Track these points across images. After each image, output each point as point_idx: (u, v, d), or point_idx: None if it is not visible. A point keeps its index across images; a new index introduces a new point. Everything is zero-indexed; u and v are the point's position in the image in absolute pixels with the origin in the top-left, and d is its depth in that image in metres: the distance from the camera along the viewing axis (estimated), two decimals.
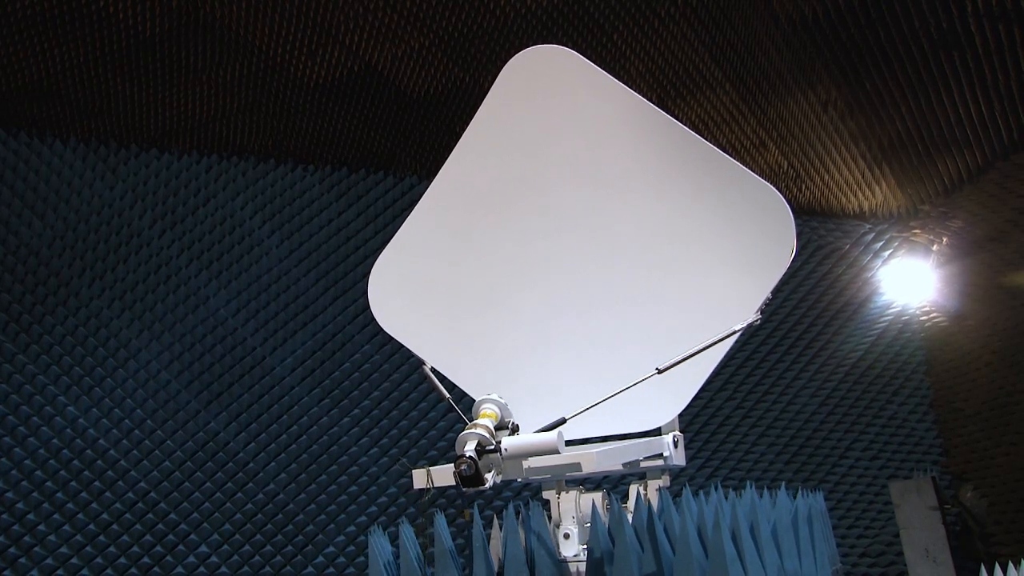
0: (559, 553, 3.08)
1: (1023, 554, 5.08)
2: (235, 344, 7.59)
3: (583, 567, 3.00)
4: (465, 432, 2.52)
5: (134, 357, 7.26)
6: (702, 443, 8.35)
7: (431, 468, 2.83)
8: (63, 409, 6.92)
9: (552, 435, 2.53)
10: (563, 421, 2.82)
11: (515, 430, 2.67)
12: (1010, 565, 4.98)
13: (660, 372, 3.08)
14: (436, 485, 2.83)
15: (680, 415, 3.56)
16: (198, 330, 7.52)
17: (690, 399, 3.56)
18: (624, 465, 3.34)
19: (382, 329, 3.96)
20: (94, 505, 6.82)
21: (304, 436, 7.54)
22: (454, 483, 2.83)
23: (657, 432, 3.47)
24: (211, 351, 7.51)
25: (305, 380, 7.68)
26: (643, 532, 2.84)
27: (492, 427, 2.56)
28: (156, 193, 7.71)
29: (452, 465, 2.84)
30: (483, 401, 2.73)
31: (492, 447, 2.48)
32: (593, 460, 2.90)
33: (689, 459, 8.32)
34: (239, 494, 7.24)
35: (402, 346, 7.54)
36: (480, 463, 2.43)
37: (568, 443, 2.94)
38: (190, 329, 7.50)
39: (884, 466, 8.50)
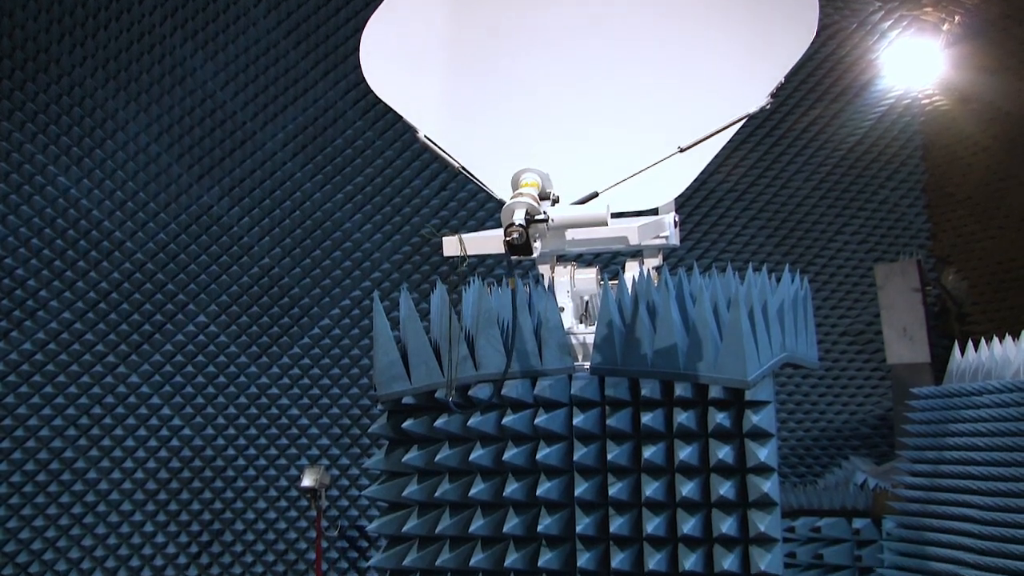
0: None
1: (996, 332, 5.25)
2: (224, 118, 7.43)
3: (586, 339, 3.07)
4: (511, 200, 2.49)
5: (122, 129, 7.12)
6: (693, 225, 8.42)
7: (463, 235, 2.82)
8: (54, 179, 6.85)
9: (601, 208, 2.51)
10: (595, 195, 2.79)
11: (556, 201, 2.64)
12: (982, 341, 5.18)
13: (682, 151, 3.04)
14: (469, 253, 2.83)
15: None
16: (186, 103, 7.33)
17: (691, 180, 3.54)
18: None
19: (378, 100, 3.84)
20: (92, 274, 6.90)
21: (297, 211, 7.54)
22: (485, 251, 2.84)
23: (654, 212, 3.47)
24: (200, 124, 7.35)
25: (297, 156, 7.59)
26: (654, 309, 2.90)
27: (537, 196, 2.53)
28: None
29: (482, 232, 2.84)
30: (524, 171, 2.68)
31: (541, 216, 2.45)
32: (635, 234, 2.91)
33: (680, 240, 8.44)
34: (234, 267, 7.33)
35: (396, 122, 7.41)
36: (528, 232, 2.40)
37: None
38: (178, 101, 7.31)
39: (871, 249, 8.64)
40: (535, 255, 2.45)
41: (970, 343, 5.28)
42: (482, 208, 7.89)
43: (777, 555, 2.78)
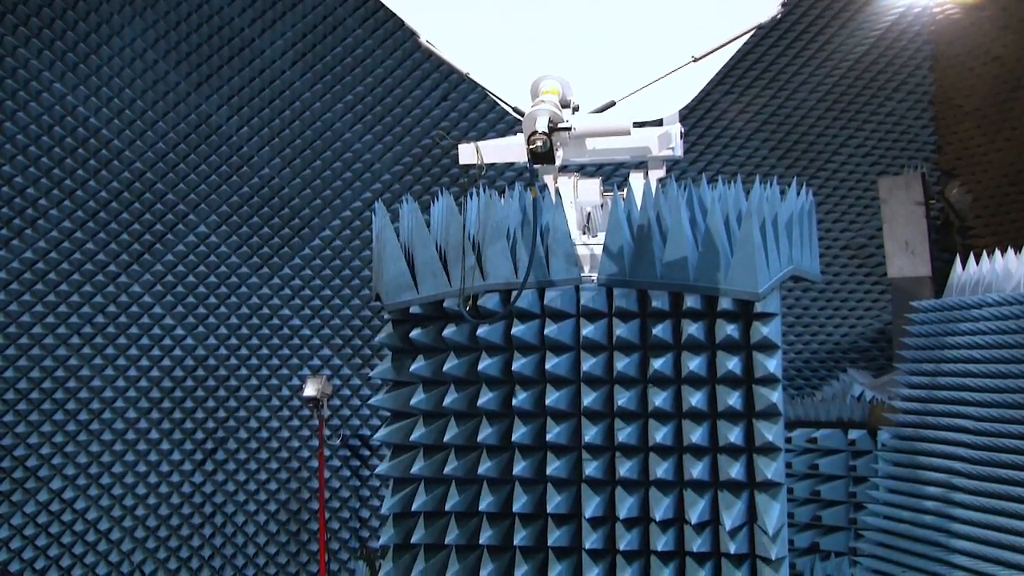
0: None
1: (998, 245, 5.23)
2: (222, 24, 7.27)
3: (595, 251, 3.05)
4: (533, 108, 2.43)
5: (118, 34, 6.97)
6: (696, 137, 8.34)
7: (479, 143, 2.77)
8: (49, 85, 6.74)
9: (623, 117, 2.46)
10: (613, 104, 2.74)
11: (576, 109, 2.60)
12: (983, 254, 5.18)
13: (696, 61, 2.97)
14: (485, 161, 2.79)
15: None
16: (182, 8, 7.18)
17: (698, 91, 3.48)
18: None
19: (379, 7, 3.74)
20: (92, 183, 6.84)
21: (297, 121, 7.45)
22: (503, 159, 2.79)
23: (659, 123, 3.42)
24: (197, 31, 7.21)
25: (296, 65, 7.45)
26: (663, 221, 2.88)
27: (558, 103, 2.48)
28: None
29: (499, 140, 2.79)
30: (544, 78, 2.62)
31: (565, 125, 2.40)
32: (656, 142, 2.87)
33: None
34: (234, 177, 7.27)
35: (396, 31, 7.23)
36: (551, 140, 2.36)
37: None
38: (174, 7, 7.15)
39: (876, 163, 8.58)
40: (558, 163, 2.41)
41: (971, 256, 5.27)
42: (483, 119, 7.80)
43: (780, 464, 2.83)
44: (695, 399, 2.82)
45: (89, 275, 6.80)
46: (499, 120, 7.69)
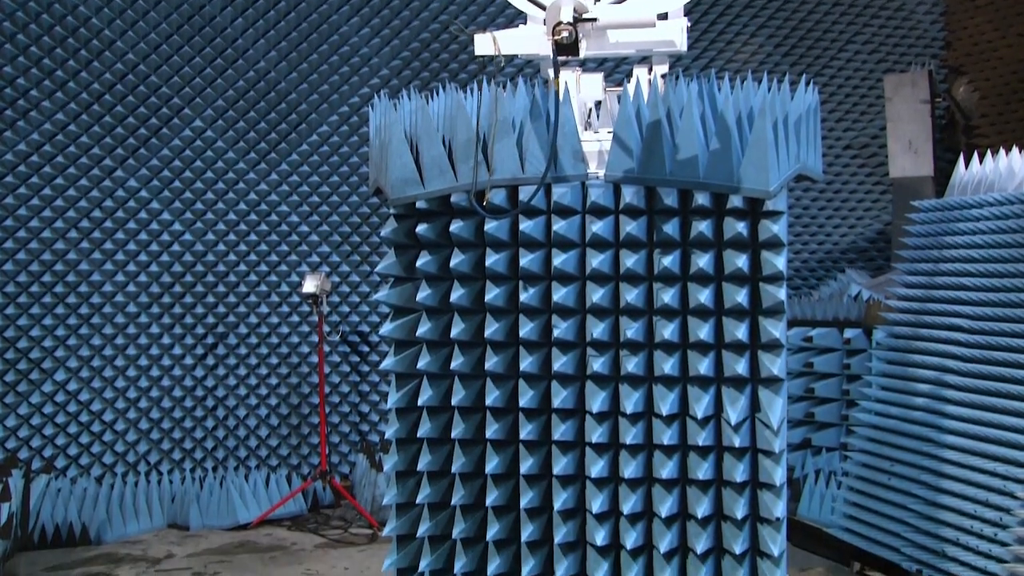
0: None
1: (1002, 145, 5.20)
2: None
3: (603, 147, 3.02)
4: None
5: None
6: (699, 33, 8.19)
7: (496, 33, 2.71)
8: None
9: (648, 8, 2.41)
10: None
11: (598, 0, 2.53)
12: (988, 153, 5.14)
13: None
14: (503, 52, 2.73)
15: None
16: None
17: None
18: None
19: None
20: (84, 74, 6.70)
21: (293, 13, 7.27)
22: (522, 51, 2.73)
23: (664, 17, 3.34)
24: None
25: None
26: (675, 119, 2.83)
27: None
28: None
29: (517, 30, 2.72)
30: None
31: (590, 15, 2.35)
32: (679, 35, 2.82)
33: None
34: (230, 71, 7.12)
35: None
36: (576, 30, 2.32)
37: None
38: None
39: (882, 60, 8.45)
40: (582, 56, 2.37)
41: (975, 155, 5.24)
42: (483, 12, 7.65)
43: (783, 359, 2.87)
44: (703, 296, 2.84)
45: (85, 168, 6.74)
46: (499, 14, 7.53)
